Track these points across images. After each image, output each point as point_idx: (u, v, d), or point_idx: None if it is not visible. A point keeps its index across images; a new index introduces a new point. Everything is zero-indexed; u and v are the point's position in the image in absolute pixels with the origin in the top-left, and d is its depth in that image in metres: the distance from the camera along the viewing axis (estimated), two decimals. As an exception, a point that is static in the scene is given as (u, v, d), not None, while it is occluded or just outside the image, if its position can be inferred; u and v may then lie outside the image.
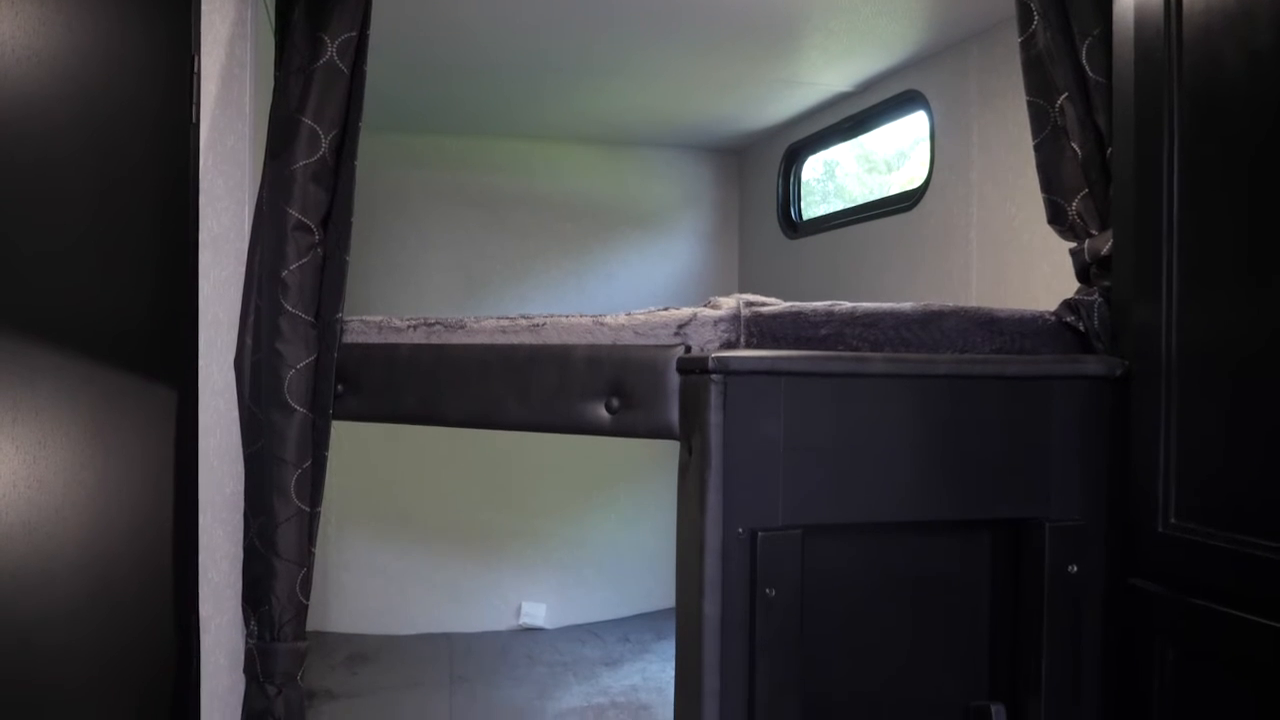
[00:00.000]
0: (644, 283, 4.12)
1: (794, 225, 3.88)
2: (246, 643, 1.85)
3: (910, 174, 3.69)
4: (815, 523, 1.46)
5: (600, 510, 3.95)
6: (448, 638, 3.66)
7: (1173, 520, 1.49)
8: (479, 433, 3.69)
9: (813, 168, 4.01)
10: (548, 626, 3.81)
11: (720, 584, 1.41)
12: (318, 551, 1.89)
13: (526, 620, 3.79)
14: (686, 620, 1.45)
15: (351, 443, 3.40)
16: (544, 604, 3.83)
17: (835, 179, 4.32)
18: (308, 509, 1.82)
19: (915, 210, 3.00)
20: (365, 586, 3.71)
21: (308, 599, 1.84)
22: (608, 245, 4.08)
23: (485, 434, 3.71)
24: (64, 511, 1.58)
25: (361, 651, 3.47)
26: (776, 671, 1.43)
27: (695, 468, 1.43)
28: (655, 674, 3.30)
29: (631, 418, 1.54)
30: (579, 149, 4.09)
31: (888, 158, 4.17)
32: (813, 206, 3.99)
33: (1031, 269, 2.49)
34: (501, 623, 3.81)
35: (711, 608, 1.40)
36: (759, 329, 1.50)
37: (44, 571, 1.54)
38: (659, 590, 4.00)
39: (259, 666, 1.82)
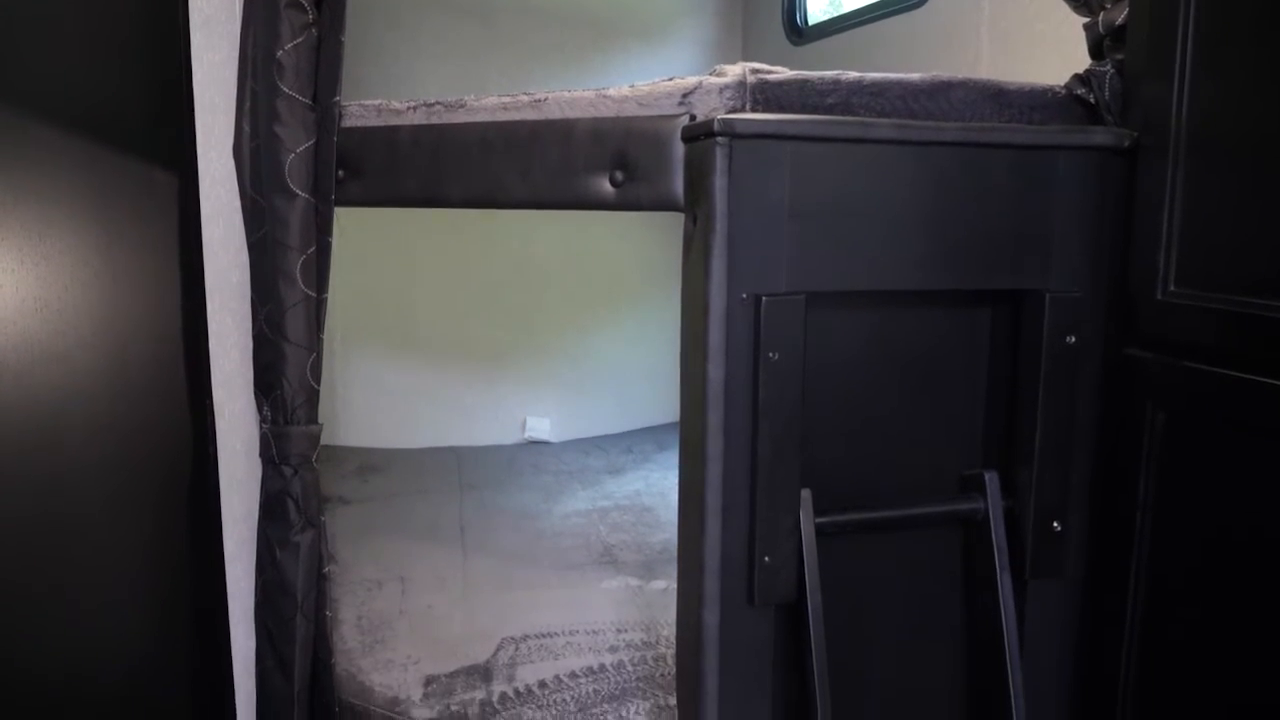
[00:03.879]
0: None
1: (799, 31, 3.78)
2: (261, 428, 1.90)
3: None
4: (818, 289, 1.47)
5: (604, 327, 3.98)
6: (455, 451, 3.75)
7: (1172, 288, 1.51)
8: (485, 247, 3.71)
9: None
10: (552, 440, 3.89)
11: (724, 348, 1.43)
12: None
13: (532, 434, 3.87)
14: (691, 386, 1.48)
15: (356, 261, 3.41)
16: (549, 418, 3.90)
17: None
18: (314, 294, 1.83)
19: (923, 8, 2.92)
20: (373, 403, 3.78)
21: (318, 383, 1.87)
22: (607, 56, 3.98)
23: (491, 249, 3.73)
24: (73, 290, 1.59)
25: (372, 463, 3.56)
26: (778, 434, 1.46)
27: (700, 234, 1.44)
28: (657, 481, 3.40)
29: (636, 190, 1.53)
30: (576, -43, 3.95)
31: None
32: (818, 11, 3.87)
33: (1043, 64, 2.43)
34: (507, 437, 3.89)
35: (715, 371, 1.43)
36: (765, 97, 1.48)
37: (59, 347, 1.56)
38: (661, 405, 4.07)
39: (274, 450, 1.87)
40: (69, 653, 1.61)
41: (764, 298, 1.43)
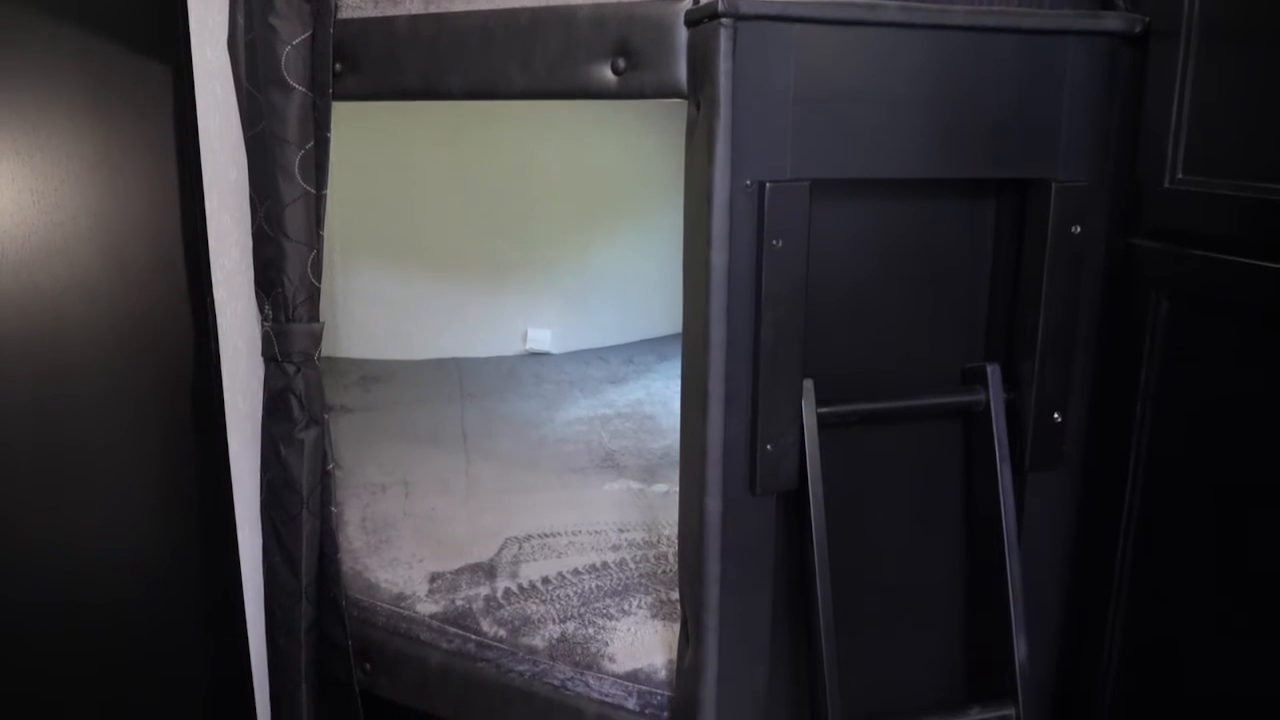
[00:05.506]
0: None
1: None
2: (262, 326, 1.89)
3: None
4: (823, 176, 1.46)
5: (606, 239, 3.96)
6: (456, 362, 3.75)
7: (1180, 176, 1.50)
8: (484, 158, 3.67)
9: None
10: (553, 351, 3.89)
11: (727, 235, 1.42)
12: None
13: (532, 345, 3.87)
14: (694, 273, 1.48)
15: (356, 173, 3.38)
16: (550, 330, 3.90)
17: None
18: (313, 190, 1.81)
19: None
20: (373, 314, 3.77)
21: (319, 280, 1.87)
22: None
23: (490, 159, 3.68)
24: (69, 183, 1.58)
25: (373, 374, 3.57)
26: (781, 322, 1.46)
27: (703, 120, 1.42)
28: (659, 390, 3.40)
29: (639, 78, 1.51)
30: None
31: None
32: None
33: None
34: (508, 348, 3.89)
35: (719, 258, 1.42)
36: (770, -20, 1.45)
37: (57, 239, 1.55)
38: (663, 317, 4.07)
39: (276, 348, 1.87)
40: (73, 550, 1.63)
41: (768, 184, 1.42)
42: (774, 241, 1.43)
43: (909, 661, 1.76)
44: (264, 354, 1.90)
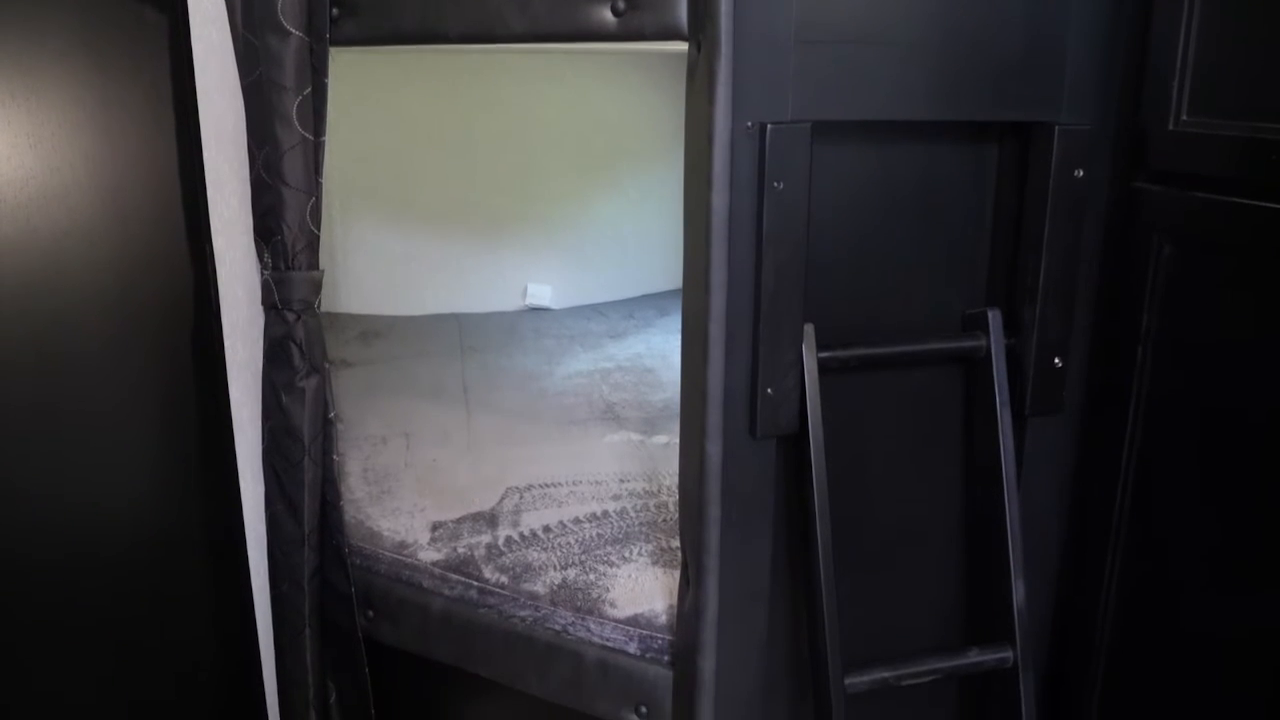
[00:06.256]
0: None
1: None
2: (262, 274, 1.89)
3: None
4: (825, 118, 1.45)
5: (606, 194, 3.94)
6: (456, 317, 3.75)
7: (1185, 117, 1.49)
8: (483, 112, 3.64)
9: None
10: (554, 306, 3.89)
11: (728, 178, 1.41)
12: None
13: (533, 301, 3.87)
14: (694, 216, 1.47)
15: (354, 127, 3.36)
16: (550, 285, 3.89)
17: None
18: (312, 137, 1.80)
19: None
20: (373, 270, 3.75)
21: (319, 228, 1.86)
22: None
23: (490, 114, 3.65)
24: (66, 128, 1.57)
25: (373, 329, 3.56)
26: (782, 265, 1.46)
27: (704, 62, 1.41)
28: (659, 344, 3.40)
29: (639, 19, 1.49)
30: None
31: None
32: None
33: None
34: (508, 304, 3.88)
35: (719, 201, 1.42)
36: (771, -84, 1.43)
37: (56, 185, 1.55)
38: (663, 273, 4.06)
39: (276, 295, 1.87)
40: (74, 498, 1.63)
41: (769, 126, 1.41)
42: (775, 184, 1.42)
43: (908, 604, 1.78)
44: (264, 302, 1.90)
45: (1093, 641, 1.72)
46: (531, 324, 3.67)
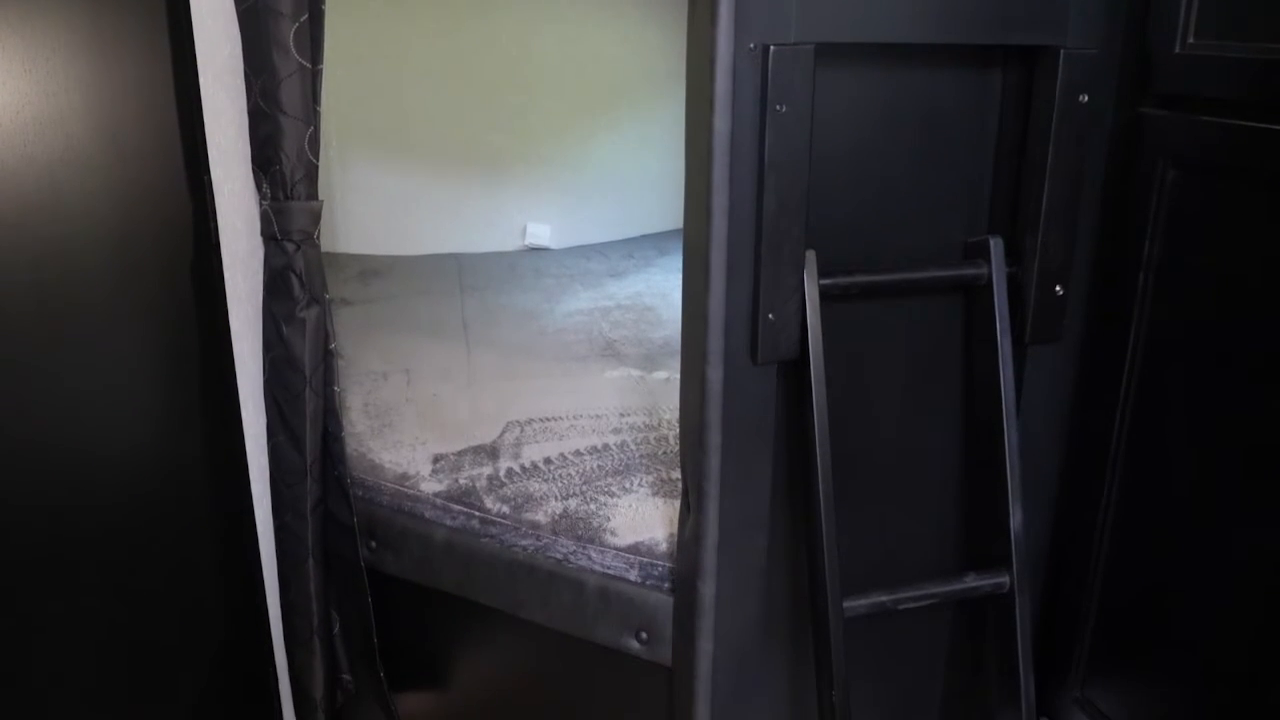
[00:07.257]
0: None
1: None
2: (260, 204, 1.88)
3: None
4: (828, 40, 1.43)
5: (605, 133, 3.90)
6: (455, 257, 3.73)
7: (1191, 40, 1.47)
8: (481, 50, 3.60)
9: None
10: (553, 246, 3.87)
11: (730, 100, 1.40)
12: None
13: (532, 240, 3.85)
14: (696, 140, 1.46)
15: (351, 66, 3.32)
16: (549, 225, 3.87)
17: None
18: (309, 65, 1.78)
19: None
20: (371, 209, 3.73)
21: (317, 158, 1.85)
22: None
23: (488, 52, 3.62)
24: (60, 53, 1.56)
25: (372, 268, 3.55)
26: (784, 189, 1.45)
27: (706, -19, 1.39)
28: (659, 282, 3.40)
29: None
30: None
31: None
32: None
33: None
34: (508, 244, 3.87)
35: (722, 123, 1.40)
36: None
37: (52, 111, 1.54)
38: (663, 213, 4.04)
39: (275, 226, 1.86)
40: (74, 433, 1.64)
41: (772, 47, 1.39)
42: (777, 106, 1.41)
43: (906, 530, 1.79)
44: (263, 233, 1.89)
45: (1089, 566, 1.74)
46: (531, 263, 3.66)
